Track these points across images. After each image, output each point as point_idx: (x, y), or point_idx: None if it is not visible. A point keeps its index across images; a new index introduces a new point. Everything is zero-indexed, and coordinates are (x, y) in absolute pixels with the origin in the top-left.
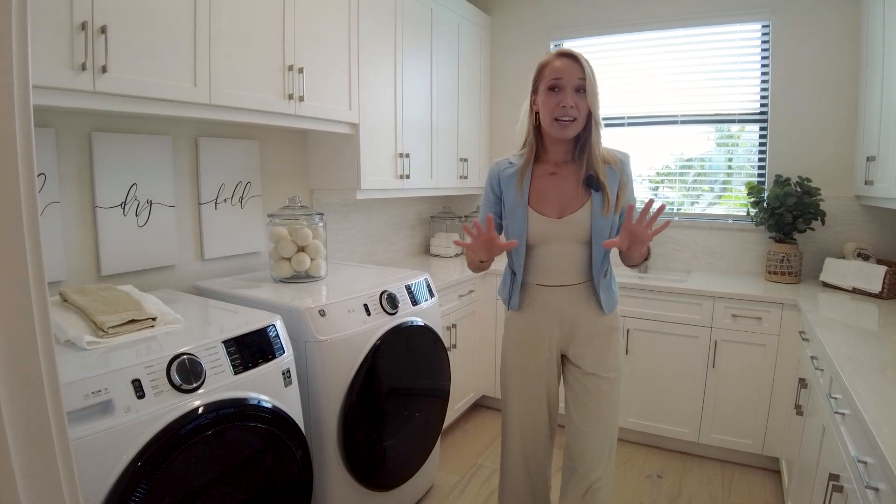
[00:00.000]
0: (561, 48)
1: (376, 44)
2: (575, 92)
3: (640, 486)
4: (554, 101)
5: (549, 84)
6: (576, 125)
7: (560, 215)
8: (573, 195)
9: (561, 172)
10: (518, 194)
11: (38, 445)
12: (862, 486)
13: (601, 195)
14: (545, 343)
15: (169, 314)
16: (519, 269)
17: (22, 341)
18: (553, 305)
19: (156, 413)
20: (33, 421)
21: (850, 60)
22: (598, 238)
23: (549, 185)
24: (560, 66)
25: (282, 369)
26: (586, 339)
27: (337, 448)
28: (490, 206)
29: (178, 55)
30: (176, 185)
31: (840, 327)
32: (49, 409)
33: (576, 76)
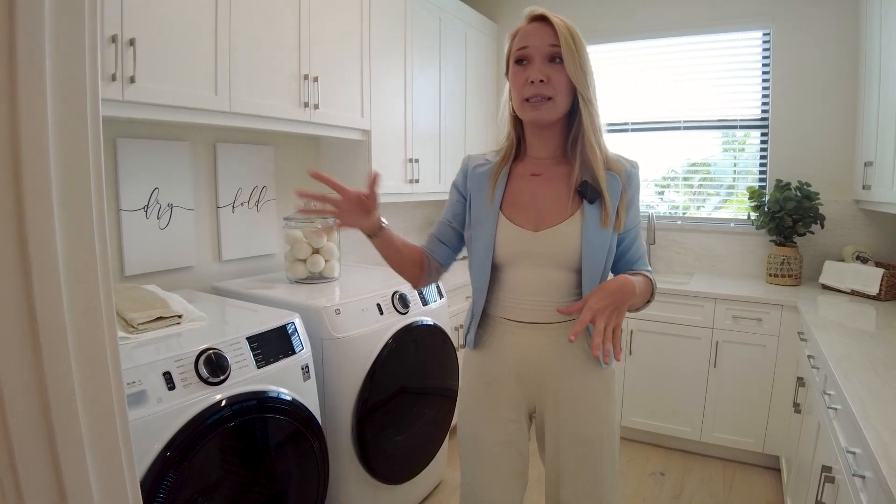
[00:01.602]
0: (528, 10)
1: (387, 52)
2: (548, 62)
3: (643, 484)
4: (522, 76)
5: (516, 56)
6: (553, 106)
7: (538, 227)
8: (558, 203)
9: (547, 174)
10: (488, 198)
11: (103, 423)
12: (850, 475)
13: (598, 207)
14: (509, 401)
15: (193, 312)
16: (479, 295)
17: (92, 330)
18: (519, 348)
19: (185, 404)
20: (100, 402)
21: (848, 68)
22: (591, 263)
23: (527, 189)
24: (527, 33)
25: (301, 364)
26: (565, 398)
27: (351, 441)
28: (451, 207)
29: (199, 65)
30: (195, 189)
31: (837, 328)
32: (113, 392)
33: (546, 42)
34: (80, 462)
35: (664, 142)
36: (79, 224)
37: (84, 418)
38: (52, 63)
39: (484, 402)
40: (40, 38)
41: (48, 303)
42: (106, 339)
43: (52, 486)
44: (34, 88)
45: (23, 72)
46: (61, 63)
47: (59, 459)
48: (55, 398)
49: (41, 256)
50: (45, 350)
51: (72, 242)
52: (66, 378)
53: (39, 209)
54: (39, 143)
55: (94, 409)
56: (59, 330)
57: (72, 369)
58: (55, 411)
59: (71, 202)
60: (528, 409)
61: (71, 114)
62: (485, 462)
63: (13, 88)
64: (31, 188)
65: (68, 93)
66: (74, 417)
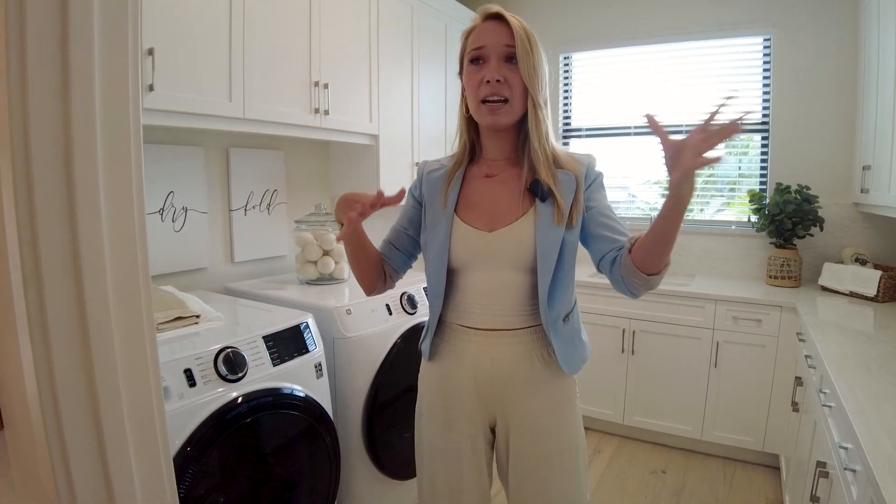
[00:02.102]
0: (483, 8)
1: (395, 58)
2: (504, 63)
3: (644, 481)
4: (477, 76)
5: (471, 55)
6: (509, 109)
7: (492, 227)
8: (511, 203)
9: (501, 175)
10: (441, 201)
11: (143, 415)
12: (842, 469)
13: (550, 205)
14: (466, 414)
15: (210, 312)
16: (436, 301)
17: (135, 331)
18: (478, 358)
19: (205, 400)
20: (141, 396)
21: (847, 74)
22: (545, 261)
23: (481, 190)
24: (482, 32)
25: (314, 363)
26: (524, 411)
27: (361, 437)
28: (405, 213)
29: (215, 73)
30: (209, 192)
31: (834, 329)
32: (151, 387)
33: (501, 42)
34: (123, 451)
35: None
36: (123, 223)
37: (126, 407)
38: (99, 73)
39: (440, 415)
40: (90, 51)
41: (97, 298)
42: (146, 335)
43: (98, 471)
44: (83, 106)
45: (74, 81)
46: (107, 73)
47: (105, 443)
48: (102, 385)
49: (91, 255)
50: (94, 343)
51: (116, 241)
52: (112, 371)
53: (88, 209)
54: (89, 150)
55: (135, 401)
56: (106, 326)
57: (117, 365)
58: (101, 397)
59: (115, 202)
60: (487, 422)
61: (116, 119)
62: (448, 470)
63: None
64: (82, 189)
65: (114, 102)
66: (118, 406)
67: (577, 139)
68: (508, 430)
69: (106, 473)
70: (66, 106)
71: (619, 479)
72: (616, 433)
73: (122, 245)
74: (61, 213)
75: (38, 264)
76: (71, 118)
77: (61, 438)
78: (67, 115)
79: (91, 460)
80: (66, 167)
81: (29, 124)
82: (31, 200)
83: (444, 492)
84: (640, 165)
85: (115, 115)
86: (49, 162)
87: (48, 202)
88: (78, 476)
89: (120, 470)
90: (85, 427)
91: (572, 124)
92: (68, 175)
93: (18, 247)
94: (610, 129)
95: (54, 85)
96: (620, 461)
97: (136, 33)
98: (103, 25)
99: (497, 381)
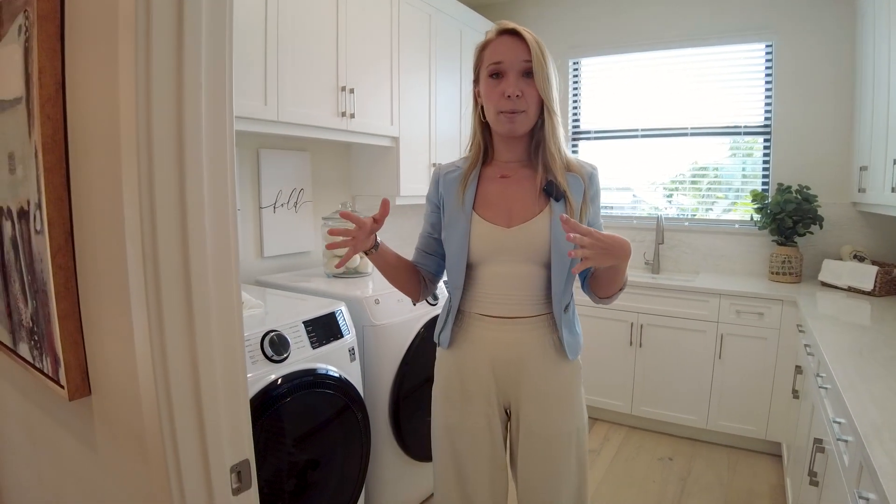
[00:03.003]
0: (500, 23)
1: (413, 64)
2: (521, 77)
3: (652, 468)
4: (497, 90)
5: (490, 70)
6: (525, 118)
7: (510, 224)
8: (528, 202)
9: (515, 176)
10: (459, 200)
11: (233, 385)
12: (835, 441)
13: (563, 205)
14: (483, 395)
15: (251, 300)
16: (456, 293)
17: (228, 308)
18: (495, 343)
19: (253, 379)
20: (232, 368)
21: (845, 78)
22: (559, 256)
23: (498, 190)
24: (500, 47)
25: (348, 347)
26: (538, 392)
27: (388, 420)
28: (428, 219)
29: (252, 79)
30: (241, 191)
31: (832, 321)
32: (238, 368)
33: (520, 58)
34: (215, 402)
35: (672, 147)
36: (221, 214)
37: (220, 371)
38: (206, 78)
39: (459, 397)
40: (198, 65)
41: (201, 281)
42: (235, 314)
43: (196, 422)
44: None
45: (188, 88)
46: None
47: (204, 417)
48: (203, 359)
49: (196, 241)
50: (197, 320)
51: (215, 230)
52: (209, 343)
53: (195, 201)
54: (196, 152)
55: (227, 371)
56: (206, 307)
57: (212, 337)
58: (202, 370)
59: (215, 196)
60: (502, 404)
61: (216, 124)
62: (465, 449)
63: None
64: (190, 184)
65: (215, 108)
66: (214, 375)
67: (585, 141)
68: (520, 410)
69: (202, 432)
70: (180, 113)
71: (627, 465)
72: (624, 423)
73: (219, 233)
74: (174, 204)
75: (155, 250)
76: (184, 122)
77: (169, 401)
78: (181, 120)
79: (191, 422)
80: (179, 165)
81: (152, 129)
82: (152, 193)
83: (463, 471)
84: (646, 168)
85: (216, 119)
86: (166, 161)
87: (165, 195)
88: (182, 431)
89: (213, 428)
90: (188, 390)
91: (581, 127)
92: (180, 172)
93: (140, 235)
94: (617, 131)
95: (171, 93)
96: (628, 449)
97: (231, 49)
98: (208, 43)
99: (512, 364)
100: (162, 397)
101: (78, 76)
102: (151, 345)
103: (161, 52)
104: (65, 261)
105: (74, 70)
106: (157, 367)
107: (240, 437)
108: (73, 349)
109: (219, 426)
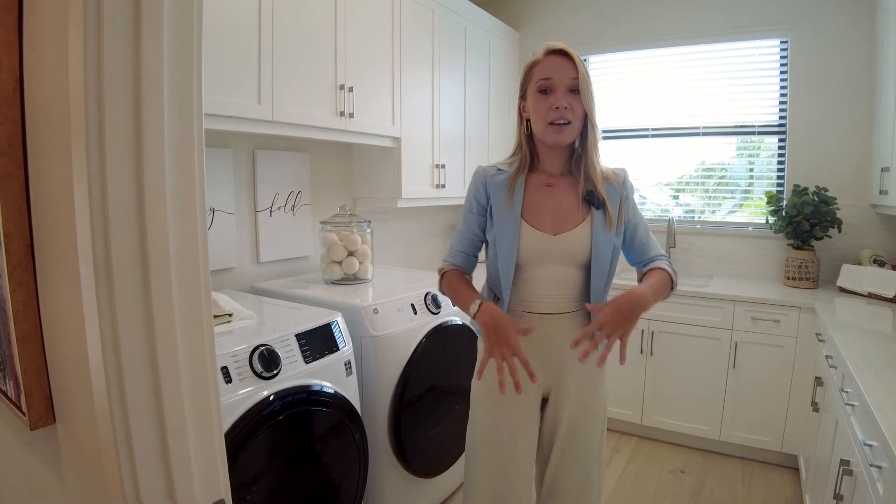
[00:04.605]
0: (549, 44)
1: (416, 62)
2: (568, 93)
3: (663, 481)
4: (546, 103)
5: (540, 86)
6: (571, 129)
7: (556, 231)
8: (571, 210)
9: (558, 185)
10: (508, 206)
11: (202, 407)
12: (867, 466)
13: (602, 213)
14: (527, 385)
15: (242, 311)
16: (505, 293)
17: (196, 328)
18: (542, 337)
19: (241, 397)
20: (200, 388)
21: (865, 75)
22: (599, 261)
23: (543, 198)
24: (550, 65)
25: (344, 360)
26: (577, 380)
27: (388, 435)
28: (472, 219)
29: (245, 76)
30: (236, 194)
31: (854, 329)
32: (209, 379)
33: (568, 75)
34: (183, 446)
35: (682, 147)
36: (187, 221)
37: (187, 399)
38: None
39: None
40: (160, 55)
41: (161, 293)
42: (205, 329)
43: (159, 465)
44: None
45: (146, 92)
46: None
47: (167, 439)
48: (165, 381)
49: (157, 247)
50: (159, 338)
51: (180, 239)
52: (174, 363)
53: (156, 207)
54: (158, 150)
55: (195, 391)
56: (170, 322)
57: (179, 359)
58: (165, 393)
59: (181, 200)
60: (542, 392)
61: (182, 122)
62: (505, 440)
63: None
64: (150, 187)
65: (180, 104)
66: (179, 397)
67: None
68: (560, 394)
69: (167, 467)
70: (138, 110)
71: (638, 478)
72: (634, 433)
73: (185, 245)
74: (131, 210)
75: (109, 261)
76: (142, 120)
77: (126, 428)
78: (139, 118)
79: (154, 456)
80: (137, 166)
81: (104, 124)
82: (104, 197)
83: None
84: (654, 167)
85: (182, 117)
86: (121, 161)
87: (119, 199)
88: (142, 467)
89: (178, 454)
90: (148, 414)
91: None
92: (138, 175)
93: (91, 242)
94: (626, 130)
95: (127, 88)
96: (639, 461)
97: (200, 38)
98: (172, 30)
99: (554, 353)
100: (119, 429)
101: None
102: (106, 370)
103: (114, 41)
104: (24, 278)
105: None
106: (114, 396)
107: (213, 474)
108: (35, 374)
109: (187, 462)
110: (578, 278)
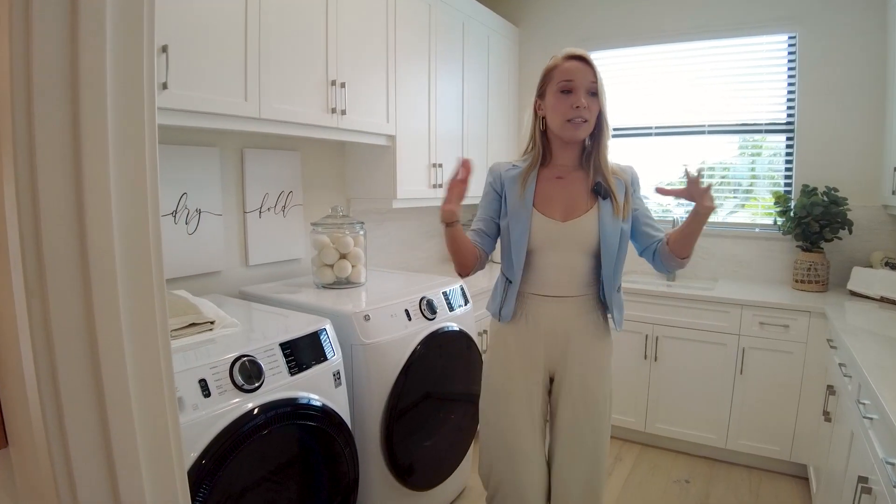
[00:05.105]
0: (569, 50)
1: (412, 58)
2: (587, 94)
3: (668, 491)
4: (566, 102)
5: (561, 87)
6: (587, 127)
7: (565, 218)
8: (580, 200)
9: (568, 178)
10: (521, 196)
11: (156, 428)
12: (890, 486)
13: (609, 203)
14: (537, 362)
15: (226, 318)
16: (517, 276)
17: (150, 347)
18: (549, 318)
19: (220, 411)
20: (154, 409)
21: (875, 72)
22: (607, 246)
23: (554, 189)
24: (571, 69)
25: (332, 371)
26: (580, 359)
27: (380, 448)
28: (490, 205)
29: (230, 72)
30: (223, 194)
31: (868, 335)
32: (165, 399)
33: (588, 79)
34: (135, 469)
35: (683, 146)
36: (136, 225)
37: (138, 422)
38: (111, 73)
39: (518, 362)
40: (101, 46)
41: (105, 307)
42: (160, 345)
43: (107, 491)
44: (96, 103)
45: (85, 87)
46: (119, 73)
47: (114, 462)
48: (111, 400)
49: (100, 260)
50: (103, 355)
51: (128, 245)
52: (122, 384)
53: (98, 212)
54: (100, 149)
55: (148, 414)
56: (116, 337)
57: (128, 377)
58: (111, 412)
59: (128, 203)
60: (548, 373)
61: (129, 118)
62: (516, 409)
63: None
64: (91, 190)
65: (127, 99)
66: (129, 421)
67: None
68: (565, 374)
69: (116, 494)
70: (76, 104)
71: (641, 488)
72: (637, 441)
73: (134, 249)
74: (68, 216)
75: (41, 272)
76: (80, 117)
77: (66, 455)
78: (77, 114)
79: (99, 481)
80: (75, 167)
81: (34, 122)
82: (36, 203)
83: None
84: (656, 166)
85: (129, 113)
86: (56, 162)
87: (54, 205)
88: (84, 495)
89: (130, 490)
90: (92, 443)
91: None
92: (77, 176)
93: (21, 254)
94: (629, 129)
95: (62, 79)
96: (642, 470)
97: (152, 29)
98: (116, 20)
99: (561, 335)
100: (59, 462)
101: None
102: (41, 394)
103: (44, 28)
104: None
105: None
106: (51, 425)
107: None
108: None
109: (140, 497)
110: (588, 264)
